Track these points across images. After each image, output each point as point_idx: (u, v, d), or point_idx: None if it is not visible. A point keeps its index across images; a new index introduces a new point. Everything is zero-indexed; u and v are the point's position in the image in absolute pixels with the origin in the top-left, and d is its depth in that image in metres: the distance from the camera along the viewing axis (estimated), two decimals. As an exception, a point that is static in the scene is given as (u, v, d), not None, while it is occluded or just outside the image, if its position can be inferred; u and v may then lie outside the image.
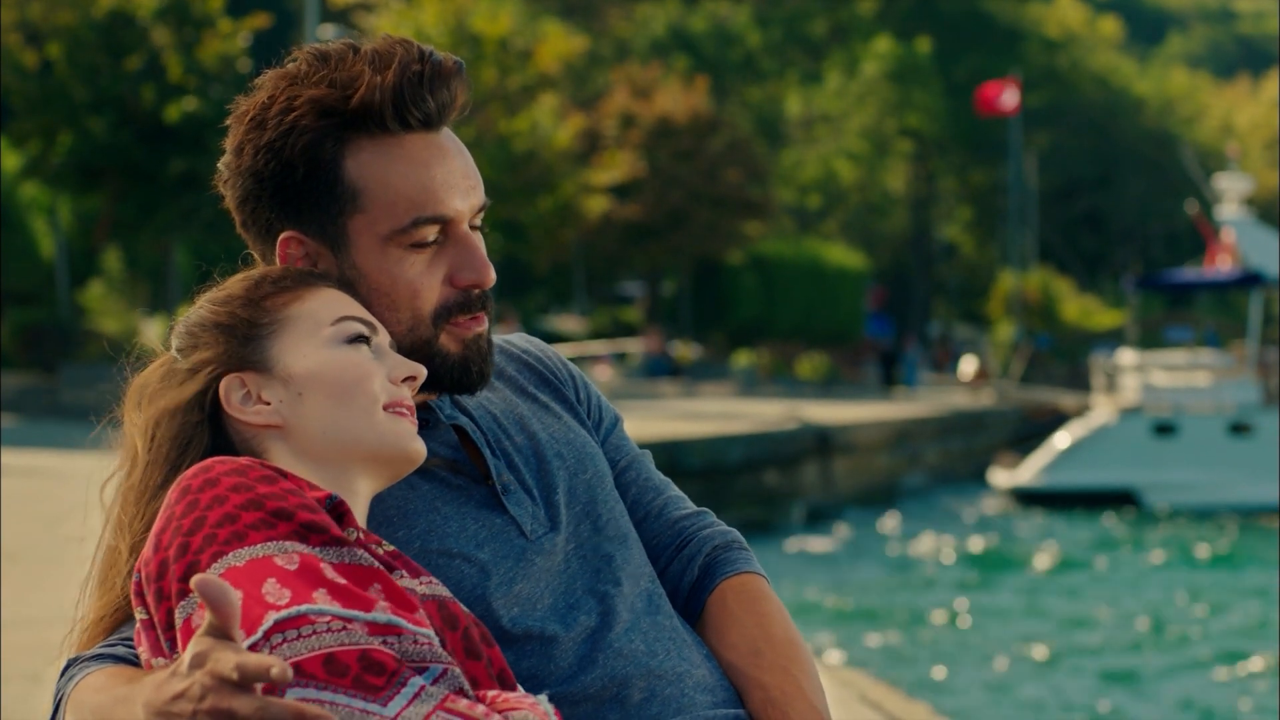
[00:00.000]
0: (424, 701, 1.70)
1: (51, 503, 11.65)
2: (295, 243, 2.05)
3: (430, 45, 2.04)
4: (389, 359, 1.97)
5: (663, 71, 46.89)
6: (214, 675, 1.58)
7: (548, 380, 2.28)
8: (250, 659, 1.56)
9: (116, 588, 1.94)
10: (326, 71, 2.01)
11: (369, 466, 1.94)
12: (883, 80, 58.89)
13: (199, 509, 1.79)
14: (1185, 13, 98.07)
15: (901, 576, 18.66)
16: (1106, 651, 14.08)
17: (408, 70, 2.00)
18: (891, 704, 6.37)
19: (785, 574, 17.91)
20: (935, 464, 30.13)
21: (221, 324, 1.96)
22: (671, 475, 2.36)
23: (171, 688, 1.64)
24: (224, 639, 1.59)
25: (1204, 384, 28.47)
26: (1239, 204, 31.72)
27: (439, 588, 1.88)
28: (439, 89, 2.03)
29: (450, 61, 2.04)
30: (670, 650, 2.08)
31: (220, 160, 2.09)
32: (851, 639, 14.17)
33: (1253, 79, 76.51)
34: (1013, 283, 52.21)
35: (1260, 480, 25.50)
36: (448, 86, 2.03)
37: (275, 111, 2.01)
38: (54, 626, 2.09)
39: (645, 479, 2.28)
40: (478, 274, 2.06)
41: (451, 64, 2.04)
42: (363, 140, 2.01)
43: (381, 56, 2.01)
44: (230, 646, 1.58)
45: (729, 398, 34.28)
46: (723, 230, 42.85)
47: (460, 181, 2.05)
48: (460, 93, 2.05)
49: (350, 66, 2.01)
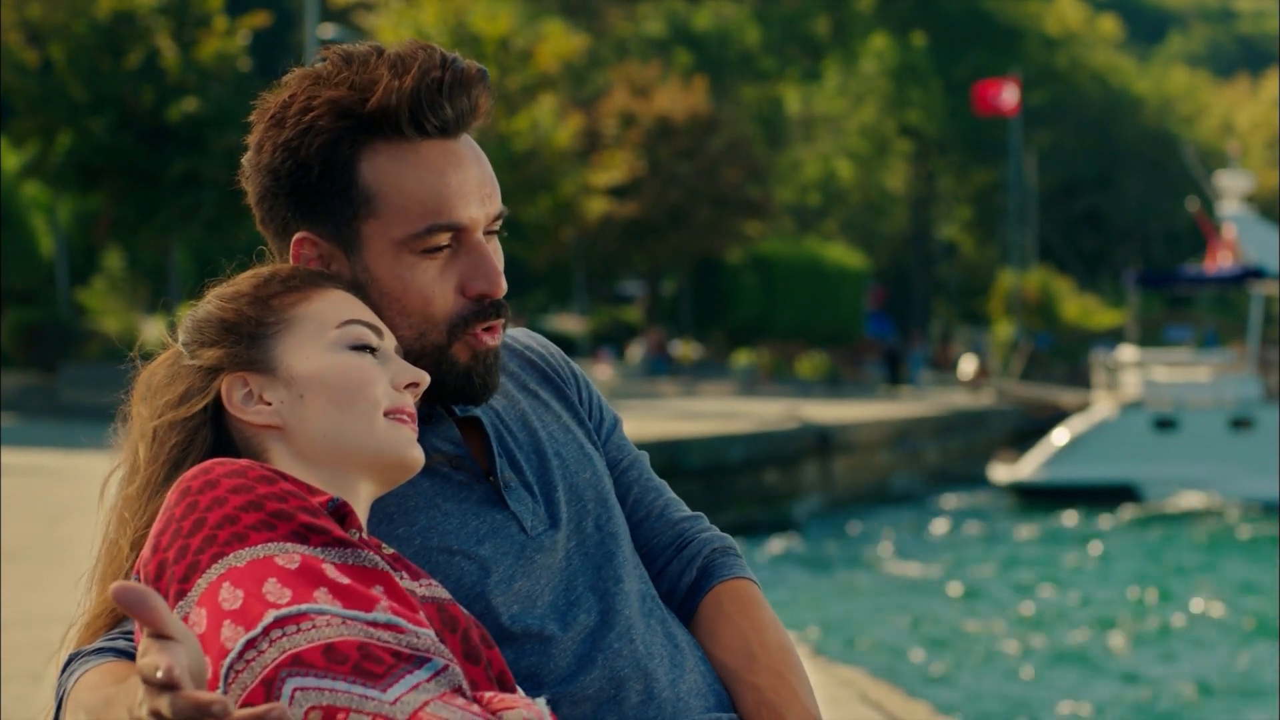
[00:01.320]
0: (423, 692, 1.70)
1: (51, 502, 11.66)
2: (309, 243, 2.05)
3: (455, 54, 2.03)
4: (393, 364, 1.97)
5: (662, 70, 46.89)
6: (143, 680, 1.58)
7: (550, 378, 2.28)
8: (148, 661, 1.56)
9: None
10: (348, 73, 2.00)
11: (367, 471, 1.93)
12: (881, 78, 58.88)
13: (199, 510, 1.79)
14: (1185, 12, 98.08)
15: (901, 574, 18.65)
16: (1107, 649, 14.07)
17: (427, 76, 1.99)
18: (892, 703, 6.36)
19: (785, 572, 17.91)
20: (935, 463, 30.13)
21: (228, 321, 1.96)
22: (671, 475, 2.37)
23: (138, 692, 1.65)
24: (160, 639, 1.59)
25: (1205, 379, 28.46)
26: (1240, 201, 31.74)
27: (439, 590, 1.88)
28: (458, 96, 2.01)
29: (474, 69, 2.03)
30: (666, 653, 2.09)
31: (243, 156, 2.09)
32: (851, 637, 14.17)
33: (1252, 78, 76.48)
34: (1012, 282, 52.21)
35: (1261, 475, 25.49)
36: (468, 94, 2.02)
37: (295, 110, 2.01)
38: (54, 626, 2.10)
39: (646, 480, 2.28)
40: (489, 283, 2.05)
41: (475, 71, 2.03)
42: (379, 144, 2.01)
43: (403, 61, 2.00)
44: (157, 646, 1.58)
45: (729, 397, 34.29)
46: (723, 229, 42.86)
47: (476, 189, 2.04)
48: (482, 100, 2.04)
49: (372, 70, 2.00)
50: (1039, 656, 13.65)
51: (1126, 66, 71.29)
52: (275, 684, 1.68)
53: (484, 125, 2.09)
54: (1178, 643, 14.32)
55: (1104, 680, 12.74)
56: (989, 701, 11.96)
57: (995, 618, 15.64)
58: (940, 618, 15.58)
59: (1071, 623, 15.39)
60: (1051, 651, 13.87)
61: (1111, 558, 20.37)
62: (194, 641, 1.61)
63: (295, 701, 1.68)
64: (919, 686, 11.48)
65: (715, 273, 47.62)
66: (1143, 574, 18.82)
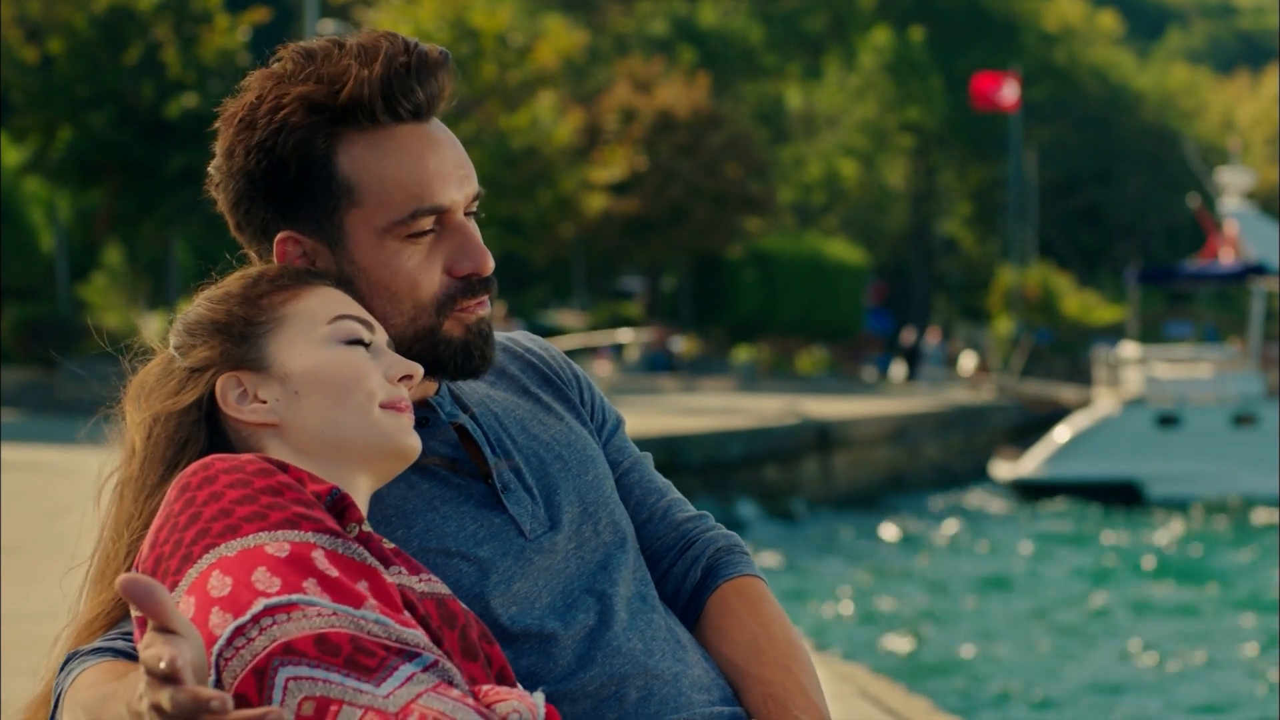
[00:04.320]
0: (414, 685, 1.70)
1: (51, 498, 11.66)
2: (292, 242, 2.05)
3: (415, 38, 2.04)
4: (386, 357, 1.97)
5: (664, 66, 46.88)
6: (145, 671, 1.58)
7: (551, 380, 2.27)
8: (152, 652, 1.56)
9: (113, 586, 1.94)
10: (313, 68, 2.00)
11: (366, 463, 1.94)
12: (881, 74, 58.87)
13: (195, 505, 1.80)
14: (1185, 8, 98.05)
15: (901, 571, 18.66)
16: (1108, 646, 14.07)
17: (394, 62, 2.00)
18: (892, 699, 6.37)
19: (784, 570, 17.92)
20: (935, 458, 30.13)
21: (219, 322, 1.96)
22: (671, 471, 2.37)
23: (139, 685, 1.65)
24: (164, 633, 1.59)
25: (1207, 375, 28.44)
26: (1241, 197, 31.72)
27: (438, 586, 1.88)
28: (427, 79, 2.02)
29: (436, 52, 2.04)
30: (667, 650, 2.08)
31: (210, 164, 2.08)
32: (851, 634, 14.17)
33: (1253, 74, 76.45)
34: (1013, 278, 52.21)
35: (1263, 471, 25.48)
36: (435, 77, 2.03)
37: (264, 111, 2.01)
38: (54, 621, 2.09)
39: (648, 481, 2.28)
40: (476, 262, 2.06)
41: (437, 54, 2.04)
42: (353, 134, 2.01)
43: (367, 50, 2.00)
44: (163, 640, 1.58)
45: (729, 393, 34.29)
46: (723, 225, 42.85)
47: (454, 171, 2.05)
48: (447, 83, 2.05)
49: (337, 62, 2.00)
50: (1040, 653, 13.65)
51: (1126, 62, 71.28)
52: (267, 672, 1.68)
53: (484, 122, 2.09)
54: (1178, 641, 14.31)
55: (1105, 677, 12.74)
56: (989, 697, 11.96)
57: (997, 614, 15.64)
58: (941, 614, 15.58)
59: (1073, 619, 15.39)
60: (1053, 648, 13.87)
61: (1112, 555, 20.37)
62: (198, 638, 1.61)
63: (289, 691, 1.68)
64: (919, 682, 11.48)
65: (715, 268, 47.62)
66: (1144, 571, 18.82)
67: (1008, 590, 17.32)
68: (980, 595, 16.79)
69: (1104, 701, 11.82)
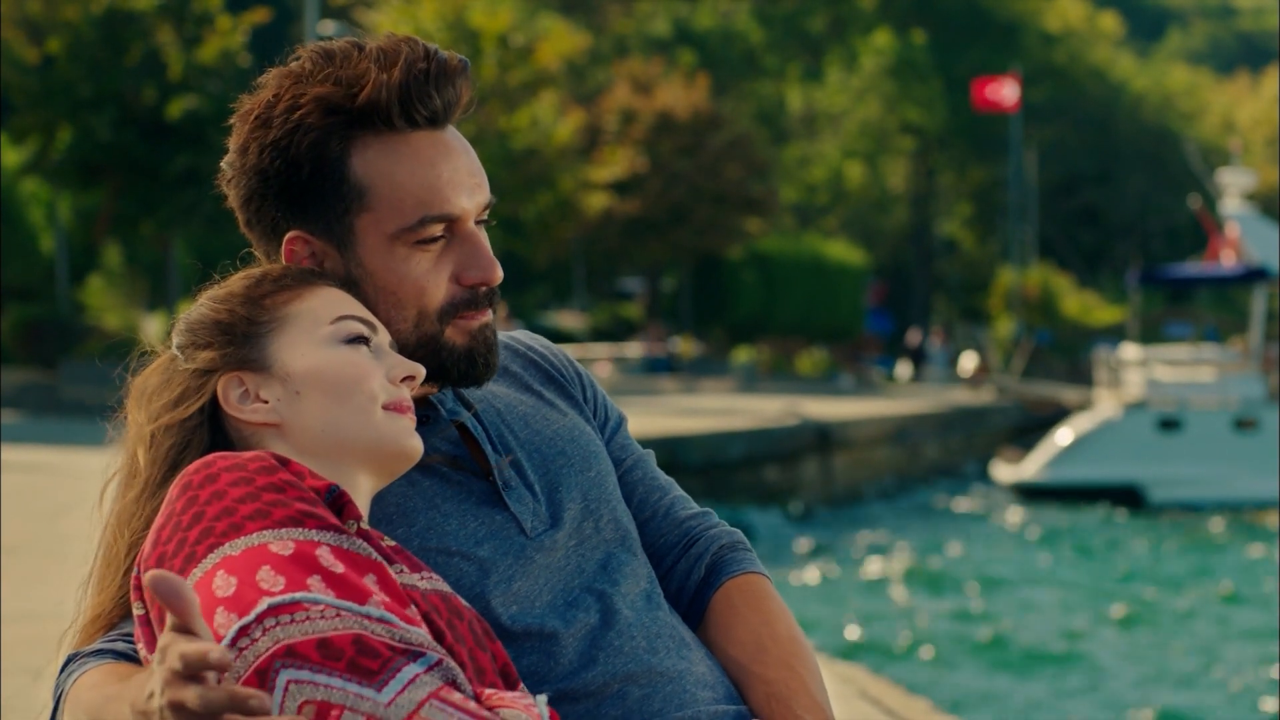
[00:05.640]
0: (418, 688, 1.69)
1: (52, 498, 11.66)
2: (301, 242, 2.05)
3: (434, 44, 2.04)
4: (388, 358, 1.97)
5: (664, 67, 46.88)
6: (168, 669, 1.58)
7: (553, 377, 2.28)
8: (191, 648, 1.56)
9: (114, 585, 1.94)
10: (332, 69, 2.00)
11: (367, 464, 1.94)
12: (881, 75, 58.87)
13: (198, 504, 1.80)
14: (1185, 9, 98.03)
15: (902, 571, 18.65)
16: (1110, 648, 14.07)
17: (414, 68, 2.00)
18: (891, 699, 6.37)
19: (784, 569, 17.91)
20: (935, 459, 30.13)
21: (221, 322, 1.96)
22: (671, 471, 2.36)
23: (147, 686, 1.64)
24: (184, 633, 1.58)
25: (1209, 379, 28.40)
26: (1242, 199, 31.70)
27: (440, 583, 1.89)
28: (445, 87, 2.02)
29: (455, 60, 2.04)
30: (670, 648, 2.08)
31: (223, 159, 2.08)
32: (851, 634, 14.17)
33: (1253, 75, 76.45)
34: (1013, 278, 52.20)
35: (1265, 475, 25.45)
36: (453, 84, 2.03)
37: (281, 110, 2.01)
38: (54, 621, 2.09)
39: (651, 479, 2.28)
40: (484, 272, 2.06)
41: (456, 62, 2.04)
42: (369, 138, 2.01)
43: (387, 54, 2.00)
44: (185, 639, 1.58)
45: (729, 394, 34.29)
46: (723, 226, 42.84)
47: (466, 179, 2.05)
48: (465, 91, 2.05)
49: (356, 64, 2.00)
50: (1041, 654, 13.65)
51: (1126, 63, 71.27)
52: (269, 674, 1.68)
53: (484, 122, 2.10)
54: (1179, 642, 14.31)
55: (1106, 679, 12.74)
56: (989, 698, 11.96)
57: (997, 616, 15.64)
58: (941, 615, 15.58)
59: (1074, 622, 15.39)
60: (1054, 650, 13.86)
61: (1114, 558, 20.36)
62: (217, 646, 1.60)
63: (289, 694, 1.68)
64: (919, 683, 11.48)
65: (715, 269, 47.62)
66: (1145, 574, 18.81)
67: (1008, 591, 17.32)
68: (982, 596, 16.79)
69: (1104, 701, 11.83)
